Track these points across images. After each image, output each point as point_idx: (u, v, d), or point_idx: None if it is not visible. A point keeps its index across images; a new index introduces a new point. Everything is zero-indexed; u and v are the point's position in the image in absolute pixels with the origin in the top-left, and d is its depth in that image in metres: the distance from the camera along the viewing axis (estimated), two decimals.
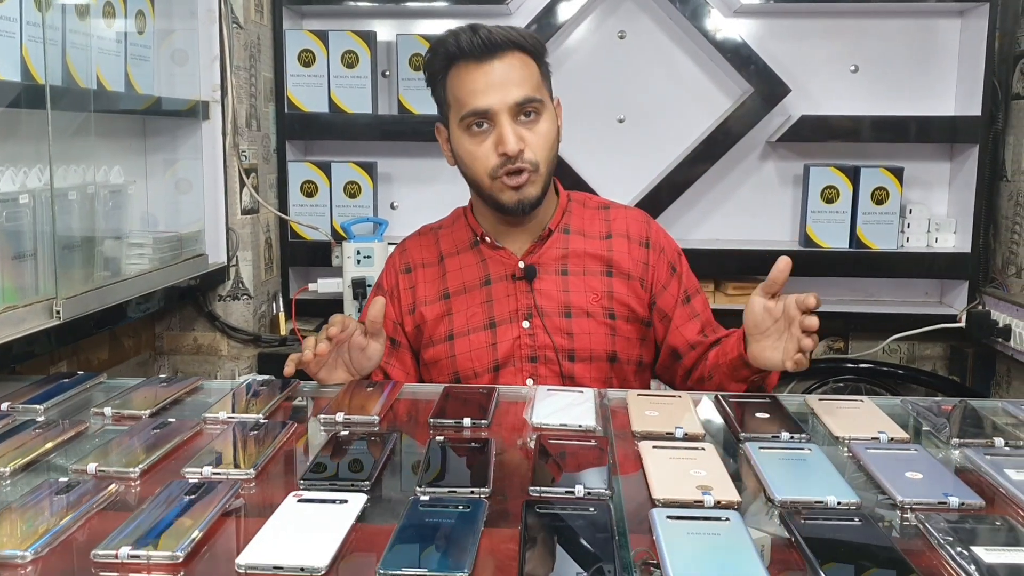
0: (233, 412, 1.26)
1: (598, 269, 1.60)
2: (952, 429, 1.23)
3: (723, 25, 2.50)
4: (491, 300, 1.59)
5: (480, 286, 1.60)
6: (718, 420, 1.30)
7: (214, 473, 1.02)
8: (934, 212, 2.60)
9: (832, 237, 2.52)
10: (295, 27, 2.60)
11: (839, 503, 0.97)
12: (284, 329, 2.44)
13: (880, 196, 2.48)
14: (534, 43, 1.52)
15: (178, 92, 2.16)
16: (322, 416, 1.25)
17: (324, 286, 2.41)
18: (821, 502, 0.97)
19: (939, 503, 0.97)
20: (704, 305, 1.66)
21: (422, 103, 2.55)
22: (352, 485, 0.99)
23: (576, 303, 1.57)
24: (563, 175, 2.55)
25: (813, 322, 1.32)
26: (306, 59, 2.54)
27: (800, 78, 2.55)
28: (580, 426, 1.22)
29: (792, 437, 1.19)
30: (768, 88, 2.50)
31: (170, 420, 1.21)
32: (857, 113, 2.52)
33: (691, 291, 1.64)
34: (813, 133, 2.50)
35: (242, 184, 2.31)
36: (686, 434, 1.20)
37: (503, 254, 1.60)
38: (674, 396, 1.37)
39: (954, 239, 2.54)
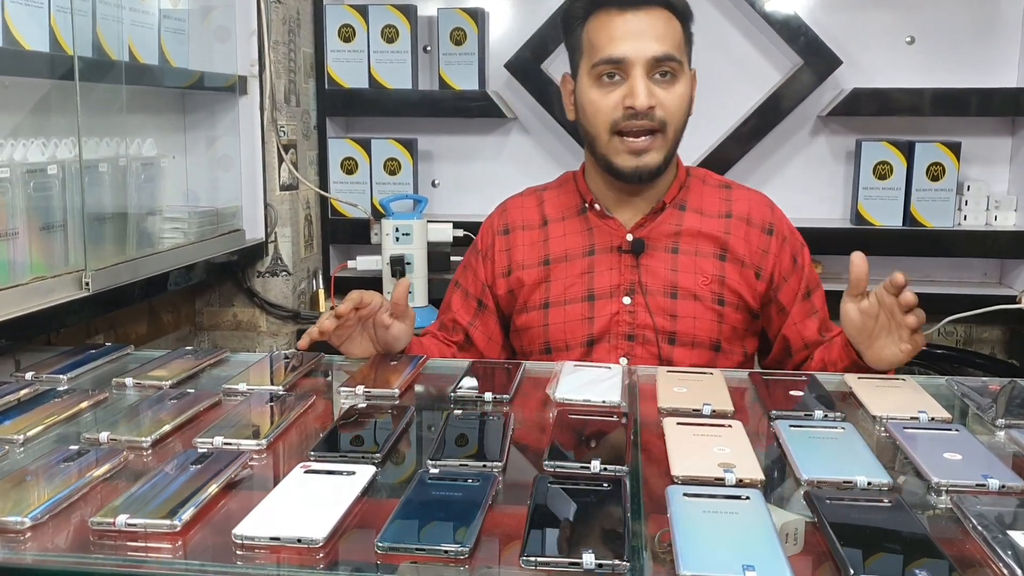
0: (254, 384, 1.24)
1: (711, 251, 1.52)
2: (998, 410, 1.17)
3: None
4: (593, 271, 1.52)
5: (583, 255, 1.53)
6: (751, 398, 1.25)
7: (225, 443, 1.01)
8: (994, 189, 2.49)
9: (884, 214, 2.43)
10: (335, 2, 2.58)
11: (869, 483, 0.92)
12: (324, 306, 2.43)
13: (936, 172, 2.39)
14: (682, 4, 1.46)
15: (217, 67, 2.16)
16: (342, 389, 1.22)
17: (363, 263, 2.40)
18: (850, 482, 0.92)
19: (977, 485, 0.92)
20: (822, 302, 1.57)
21: (463, 78, 2.52)
22: (363, 457, 0.97)
23: (684, 284, 1.50)
24: None
25: (911, 298, 1.25)
26: (346, 34, 2.53)
27: (853, 51, 2.46)
28: (604, 402, 1.18)
29: (826, 415, 1.14)
30: (819, 61, 2.41)
31: (189, 391, 1.20)
32: (912, 86, 2.42)
33: (812, 286, 1.56)
34: (865, 107, 2.40)
35: (280, 160, 2.30)
36: (714, 411, 1.15)
37: (612, 224, 1.53)
38: (706, 373, 1.33)
39: (1015, 217, 2.44)
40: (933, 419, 1.14)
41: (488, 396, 1.20)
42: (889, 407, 1.17)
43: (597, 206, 1.54)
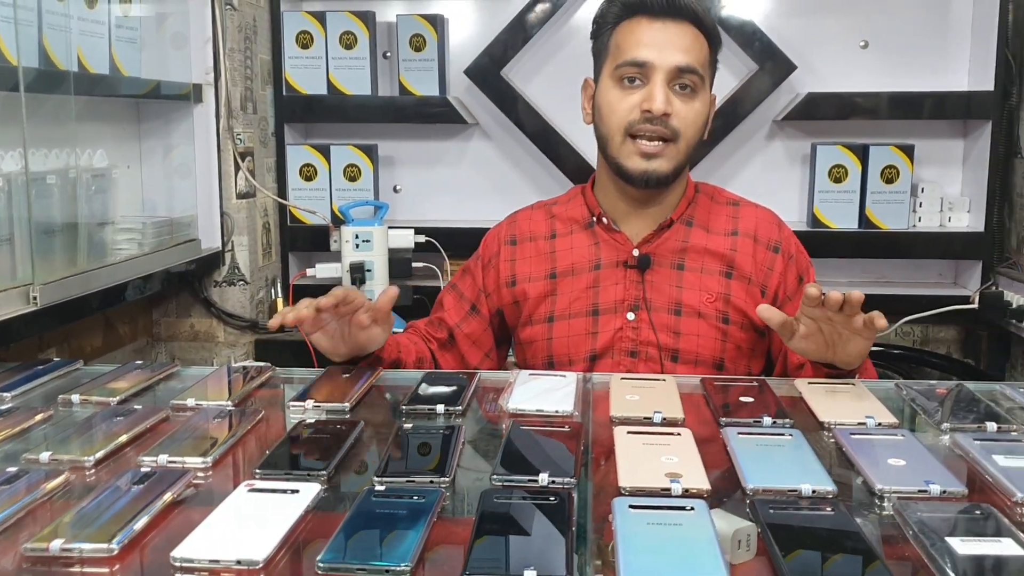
0: (203, 399, 1.23)
1: (717, 268, 1.51)
2: (944, 413, 1.18)
3: (727, 2, 2.43)
4: (598, 286, 1.52)
5: (589, 270, 1.53)
6: (700, 404, 1.26)
7: (170, 461, 1.00)
8: (947, 191, 2.53)
9: (840, 217, 2.45)
10: (293, 8, 2.56)
11: (814, 491, 0.93)
12: None
13: (890, 175, 2.42)
14: (713, 27, 1.48)
15: (172, 75, 2.14)
16: (292, 404, 1.22)
17: (322, 271, 2.38)
18: (795, 490, 0.93)
19: (919, 491, 0.93)
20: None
21: (424, 84, 2.51)
22: (308, 475, 0.96)
23: (688, 301, 1.49)
24: (568, 159, 2.51)
25: (833, 301, 1.20)
26: (304, 41, 2.51)
27: (808, 55, 2.49)
28: (557, 411, 1.18)
29: (774, 422, 1.15)
30: (774, 66, 2.44)
31: (136, 407, 1.19)
32: (867, 90, 2.45)
33: None
34: (821, 111, 2.43)
35: (237, 168, 2.28)
36: (664, 419, 1.16)
37: (619, 238, 1.53)
38: (659, 379, 1.33)
39: (968, 218, 2.47)
40: (880, 424, 1.14)
41: (440, 408, 1.19)
42: (837, 413, 1.18)
43: (605, 219, 1.53)
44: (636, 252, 1.51)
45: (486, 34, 2.53)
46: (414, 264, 2.43)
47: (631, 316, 1.50)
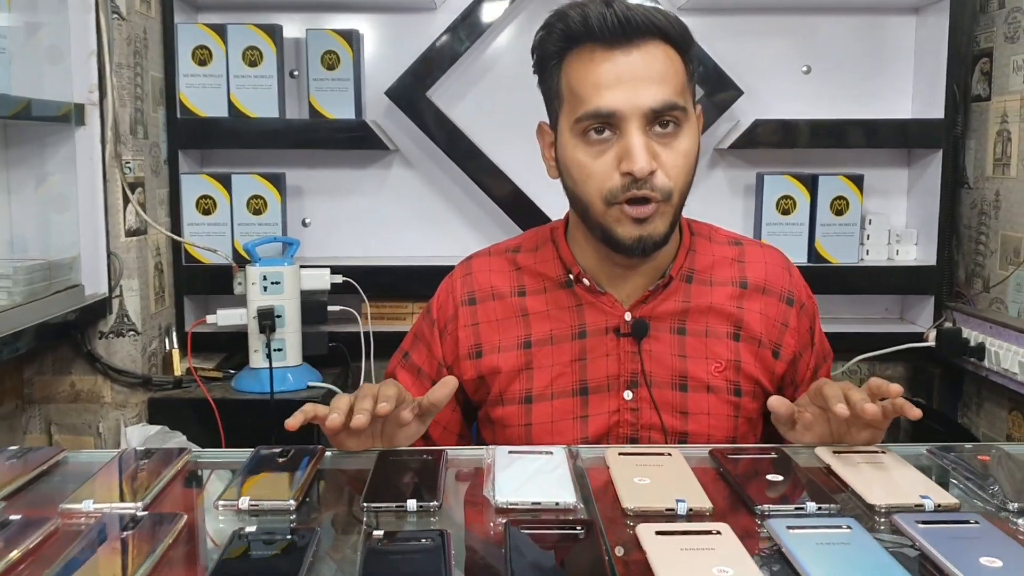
0: (103, 500, 0.95)
1: (724, 330, 1.27)
2: (1003, 487, 1.01)
3: None
4: (585, 358, 1.26)
5: (572, 338, 1.27)
6: (720, 484, 1.06)
7: None
8: (893, 223, 2.42)
9: (789, 251, 2.24)
10: (188, 20, 2.28)
11: None
12: (179, 369, 2.11)
13: (840, 206, 2.29)
14: (682, 32, 1.18)
15: (48, 93, 1.83)
16: (220, 503, 0.95)
17: (225, 318, 2.09)
18: None
19: None
20: (827, 375, 1.38)
21: (337, 106, 2.27)
22: None
23: (694, 373, 1.25)
24: (501, 188, 2.31)
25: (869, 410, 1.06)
26: (201, 56, 2.23)
27: (749, 80, 2.35)
28: (557, 504, 0.96)
29: (820, 508, 0.96)
30: (719, 91, 2.29)
31: (13, 518, 0.90)
32: (810, 117, 2.33)
33: (820, 360, 1.36)
34: (768, 139, 2.29)
35: (126, 201, 1.98)
36: (691, 510, 0.95)
37: (606, 301, 1.27)
38: (661, 453, 1.12)
39: (915, 251, 2.37)
40: (939, 506, 0.97)
41: (412, 505, 0.95)
42: (885, 494, 0.99)
43: (586, 281, 1.28)
44: (629, 317, 1.27)
45: (407, 52, 2.31)
46: (330, 308, 2.17)
47: (628, 395, 1.26)
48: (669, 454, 1.12)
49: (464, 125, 2.30)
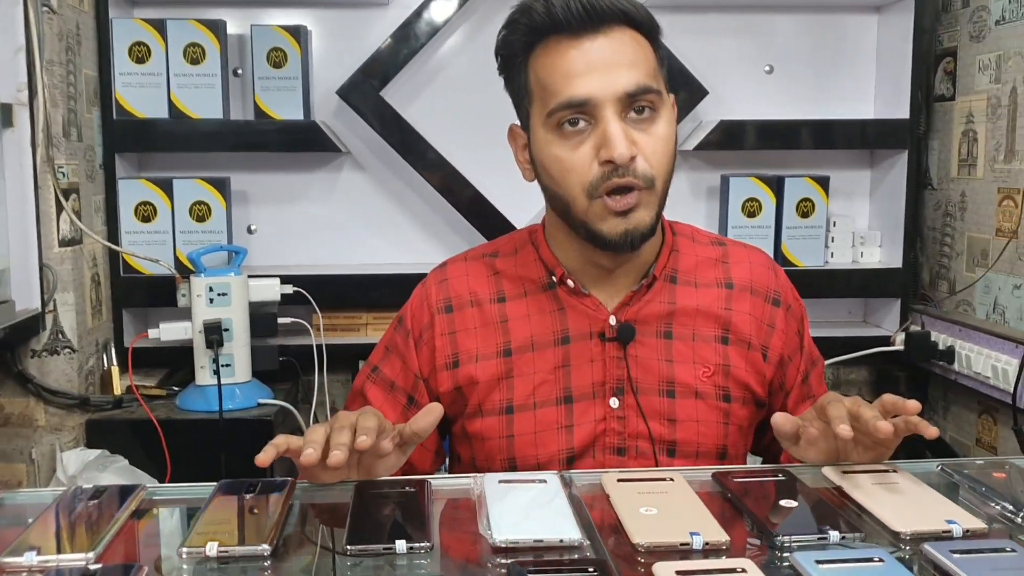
0: (48, 551, 0.84)
1: (712, 333, 1.21)
2: None
3: None
4: (568, 365, 1.19)
5: (555, 344, 1.21)
6: (730, 511, 0.98)
7: None
8: (857, 225, 2.39)
9: None
10: (124, 14, 2.15)
11: None
12: (119, 387, 1.97)
13: (806, 208, 2.25)
14: (648, 17, 1.14)
15: None
16: (184, 550, 0.85)
17: (168, 332, 1.96)
18: None
19: None
20: (819, 379, 1.32)
21: (284, 106, 2.15)
22: None
23: (682, 379, 1.19)
24: (461, 192, 2.22)
25: (883, 429, 0.99)
26: (139, 53, 2.10)
27: (710, 80, 2.29)
28: (561, 541, 0.87)
29: (844, 537, 0.89)
30: (684, 91, 2.23)
31: None
32: (773, 117, 2.28)
33: (810, 364, 1.30)
34: (733, 140, 2.24)
35: (59, 209, 1.84)
36: (707, 543, 0.87)
37: (589, 303, 1.21)
38: (664, 479, 1.04)
39: (879, 253, 2.34)
40: (968, 532, 0.90)
41: (401, 546, 0.86)
42: (910, 520, 0.93)
43: (570, 282, 1.22)
44: (614, 320, 1.21)
45: (359, 49, 2.20)
46: (280, 319, 2.06)
47: (615, 402, 1.19)
48: (671, 479, 1.04)
49: (420, 126, 2.20)
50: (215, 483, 1.02)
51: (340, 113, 2.24)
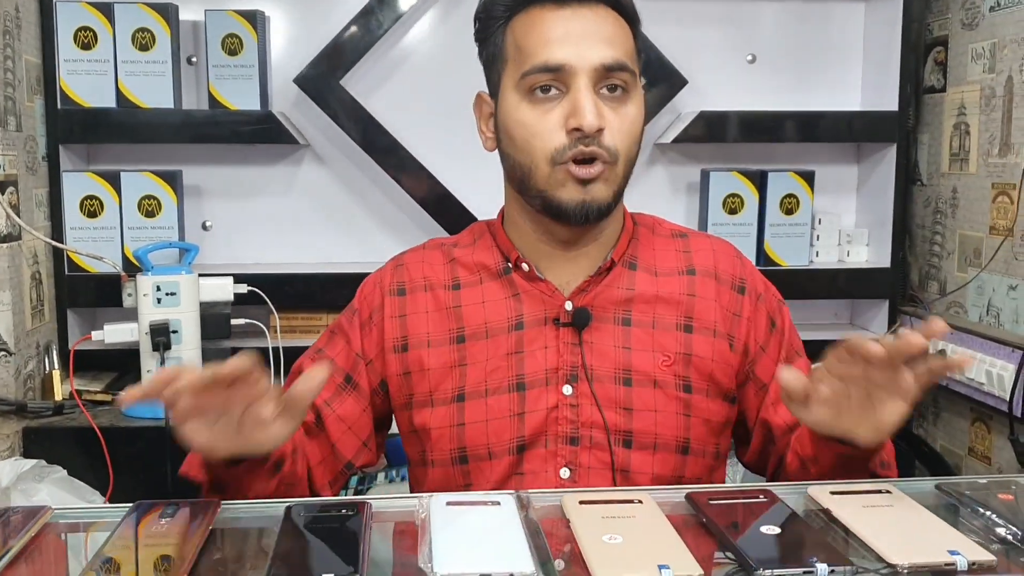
0: None
1: (673, 320, 1.16)
2: None
3: None
4: (522, 351, 1.15)
5: (508, 330, 1.17)
6: (704, 538, 0.87)
7: None
8: (844, 222, 2.29)
9: None
10: None
11: None
12: (60, 392, 1.85)
13: (790, 205, 2.15)
14: (631, 6, 1.15)
15: None
16: None
17: (112, 334, 1.85)
18: None
19: None
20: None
21: (240, 96, 2.04)
22: None
23: (639, 366, 1.14)
24: (424, 186, 2.12)
25: (916, 345, 0.93)
26: (85, 39, 1.98)
27: (690, 69, 2.18)
28: (511, 574, 0.76)
29: (832, 571, 0.78)
30: (661, 81, 2.12)
31: None
32: (755, 108, 2.18)
33: (792, 354, 1.22)
34: (714, 133, 2.13)
35: None
36: None
37: (544, 288, 1.17)
38: (632, 501, 0.93)
39: (867, 252, 2.24)
40: (974, 565, 0.80)
41: None
42: (907, 550, 0.82)
43: (525, 265, 1.17)
44: (569, 305, 1.16)
45: (318, 36, 2.08)
46: (233, 321, 1.95)
47: (568, 390, 1.14)
48: (640, 501, 0.93)
49: (382, 117, 2.10)
50: (130, 504, 0.91)
51: (299, 103, 2.13)
